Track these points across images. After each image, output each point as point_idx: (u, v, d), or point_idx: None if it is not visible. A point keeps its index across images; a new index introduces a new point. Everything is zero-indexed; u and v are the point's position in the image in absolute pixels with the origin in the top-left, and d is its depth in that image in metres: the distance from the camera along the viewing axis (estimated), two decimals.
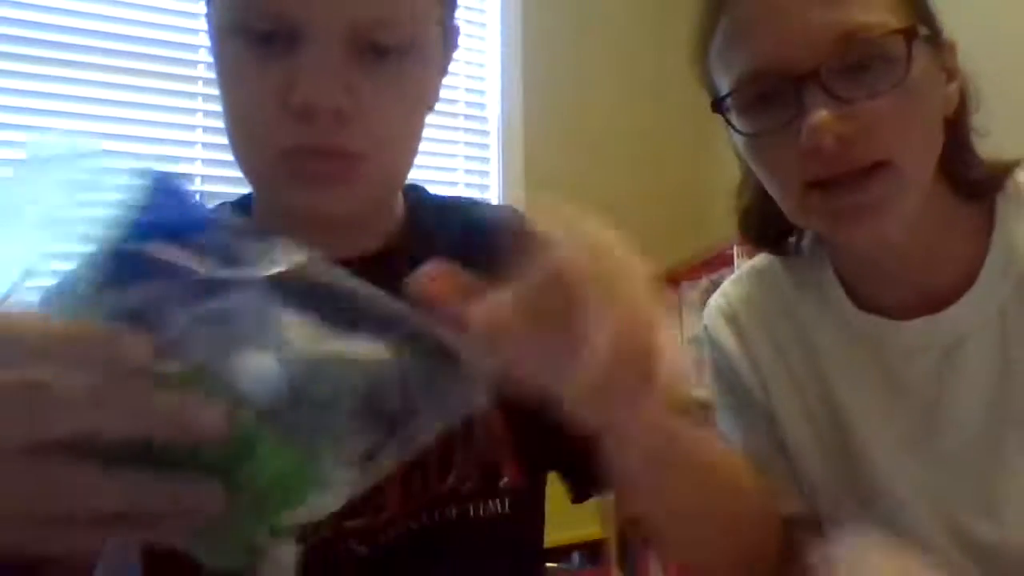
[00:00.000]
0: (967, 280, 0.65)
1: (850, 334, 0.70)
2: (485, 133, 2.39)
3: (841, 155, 0.57)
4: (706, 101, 0.68)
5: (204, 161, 2.05)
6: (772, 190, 0.65)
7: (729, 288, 0.79)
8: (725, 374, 0.76)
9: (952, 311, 0.65)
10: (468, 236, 0.63)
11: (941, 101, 0.63)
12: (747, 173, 0.71)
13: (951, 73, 0.64)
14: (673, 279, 2.24)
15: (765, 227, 0.73)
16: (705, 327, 0.79)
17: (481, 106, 2.40)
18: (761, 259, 0.79)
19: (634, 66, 2.55)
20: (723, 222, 2.81)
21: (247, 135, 0.54)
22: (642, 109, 2.54)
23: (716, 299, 0.79)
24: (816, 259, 0.74)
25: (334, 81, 0.50)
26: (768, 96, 0.60)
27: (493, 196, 2.37)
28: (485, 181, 2.38)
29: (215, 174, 2.06)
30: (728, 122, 0.64)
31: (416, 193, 0.68)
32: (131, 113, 1.95)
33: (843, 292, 0.71)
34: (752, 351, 0.74)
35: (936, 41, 0.62)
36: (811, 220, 0.63)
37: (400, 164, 0.58)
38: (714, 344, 0.77)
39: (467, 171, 2.37)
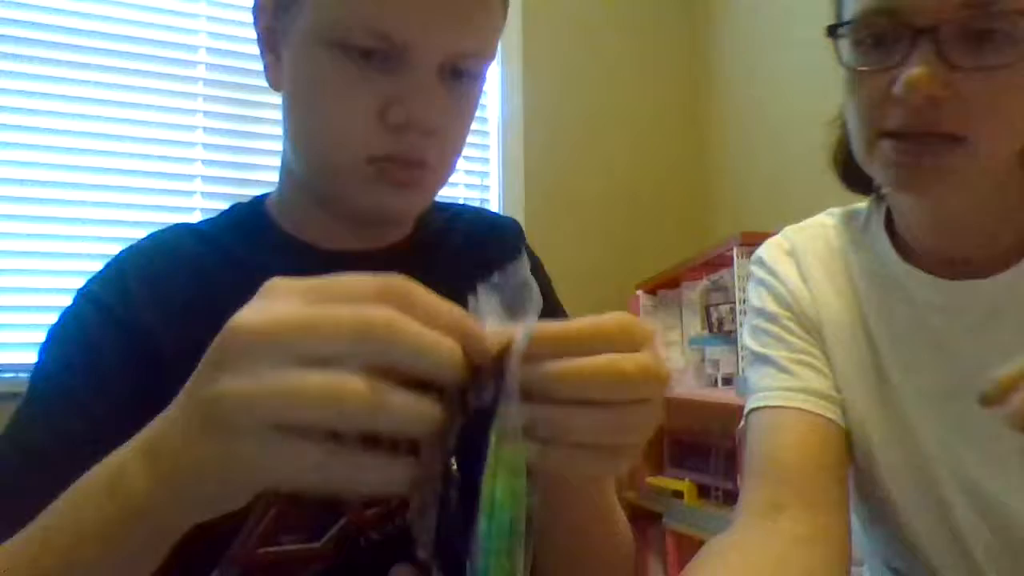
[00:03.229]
0: (1018, 255, 0.66)
1: (889, 283, 0.73)
2: (485, 133, 2.39)
3: (924, 116, 0.59)
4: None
5: (204, 162, 2.05)
6: (851, 128, 0.66)
7: (789, 231, 0.82)
8: (785, 296, 0.78)
9: (992, 281, 0.67)
10: (469, 237, 0.72)
11: None
12: (841, 111, 0.73)
13: None
14: (673, 279, 2.24)
15: (850, 165, 0.75)
16: (761, 260, 0.82)
17: (481, 107, 2.39)
18: (821, 215, 0.83)
19: (634, 67, 2.55)
20: (723, 222, 2.81)
21: (338, 139, 0.59)
22: (642, 110, 2.54)
23: (774, 239, 0.83)
24: (874, 208, 0.77)
25: (432, 103, 0.57)
26: (882, 37, 0.61)
27: (493, 196, 2.37)
28: (485, 181, 2.38)
29: (215, 175, 2.06)
30: (837, 50, 0.65)
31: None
32: (131, 113, 1.96)
33: (888, 241, 0.73)
34: (808, 282, 0.77)
35: None
36: (875, 168, 0.65)
37: (450, 174, 0.66)
38: (774, 274, 0.80)
39: (467, 171, 2.37)
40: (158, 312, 0.58)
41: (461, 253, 0.71)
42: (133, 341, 0.56)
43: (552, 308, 0.72)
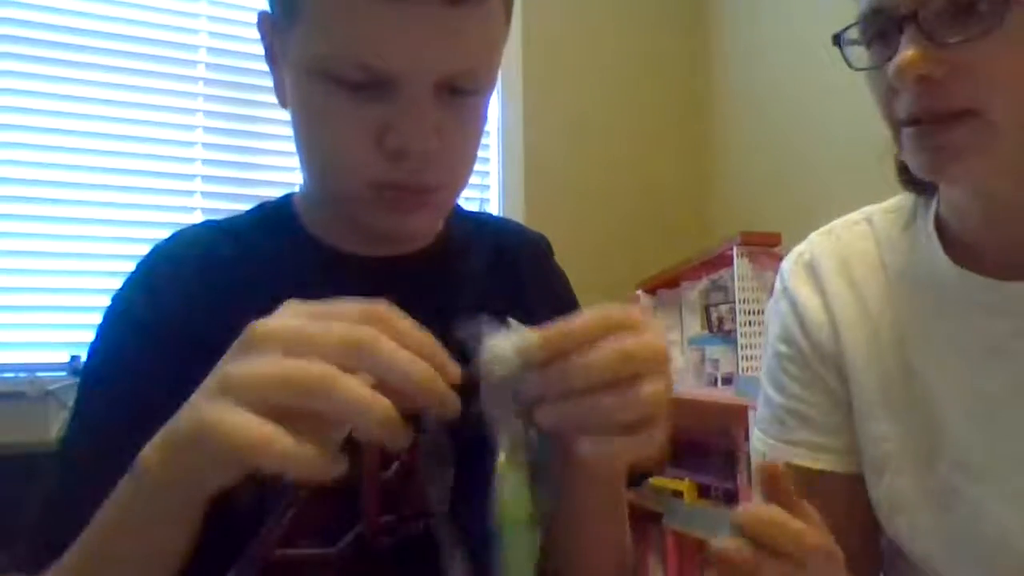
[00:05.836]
0: None
1: (935, 284, 0.70)
2: (485, 133, 2.38)
3: (925, 97, 0.59)
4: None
5: (204, 161, 2.05)
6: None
7: (815, 238, 0.80)
8: (794, 328, 0.76)
9: None
10: (500, 249, 0.72)
11: None
12: None
13: None
14: (673, 279, 2.24)
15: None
16: (782, 277, 0.80)
17: None
18: (855, 214, 0.80)
19: (634, 66, 2.55)
20: (723, 222, 2.81)
21: (337, 167, 0.58)
22: (642, 109, 2.55)
23: (797, 249, 0.80)
24: (920, 206, 0.74)
25: (427, 127, 0.55)
26: (879, 36, 0.62)
27: (493, 195, 2.37)
28: (485, 180, 2.38)
29: (215, 174, 2.06)
30: (845, 57, 0.66)
31: (455, 206, 0.74)
32: (131, 113, 1.95)
33: (937, 241, 0.71)
34: (828, 301, 0.75)
35: None
36: (906, 157, 0.64)
37: (463, 187, 0.65)
38: (788, 295, 0.78)
39: None
40: (186, 310, 0.58)
41: (492, 265, 0.70)
42: (161, 342, 0.57)
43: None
